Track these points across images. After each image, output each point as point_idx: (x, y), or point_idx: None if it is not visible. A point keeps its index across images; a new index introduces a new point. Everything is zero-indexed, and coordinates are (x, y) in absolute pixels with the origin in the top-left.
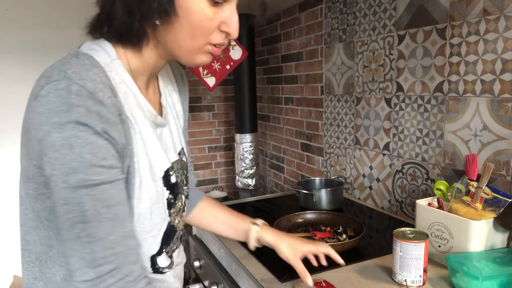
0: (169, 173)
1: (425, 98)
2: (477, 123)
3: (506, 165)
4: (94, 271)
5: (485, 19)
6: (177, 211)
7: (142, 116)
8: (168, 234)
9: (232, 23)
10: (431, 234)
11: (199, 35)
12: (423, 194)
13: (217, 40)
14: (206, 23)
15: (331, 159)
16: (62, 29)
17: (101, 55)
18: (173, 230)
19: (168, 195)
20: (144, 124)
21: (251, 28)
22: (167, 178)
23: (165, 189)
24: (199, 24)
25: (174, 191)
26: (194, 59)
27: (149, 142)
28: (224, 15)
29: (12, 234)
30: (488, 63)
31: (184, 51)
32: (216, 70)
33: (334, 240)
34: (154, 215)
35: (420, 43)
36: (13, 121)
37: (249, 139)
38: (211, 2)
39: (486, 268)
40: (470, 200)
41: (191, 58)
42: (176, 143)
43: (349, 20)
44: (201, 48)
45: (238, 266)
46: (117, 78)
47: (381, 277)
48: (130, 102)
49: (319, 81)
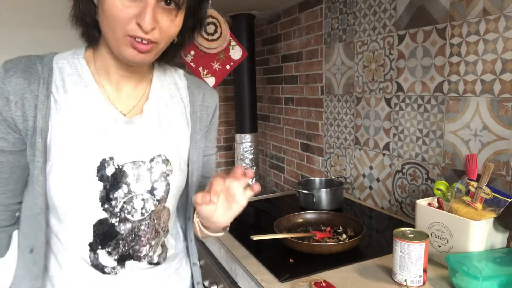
0: (104, 164)
1: (425, 98)
2: (477, 123)
3: (506, 165)
4: None
5: (485, 19)
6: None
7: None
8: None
9: (143, 15)
10: (431, 234)
11: (115, 26)
12: (423, 194)
13: (133, 32)
14: (118, 13)
15: (331, 159)
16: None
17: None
18: (112, 230)
19: (101, 187)
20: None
21: (251, 28)
22: (102, 169)
23: (96, 179)
24: (112, 14)
25: (111, 185)
26: (120, 51)
27: (83, 129)
28: (139, 6)
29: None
30: (488, 63)
31: (111, 43)
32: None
33: (334, 240)
34: (75, 200)
35: (420, 43)
36: None
37: (249, 139)
38: None
39: (486, 268)
40: (470, 200)
41: (118, 51)
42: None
43: (349, 20)
44: (121, 40)
45: (238, 266)
46: (70, 69)
47: (381, 277)
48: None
49: (319, 81)
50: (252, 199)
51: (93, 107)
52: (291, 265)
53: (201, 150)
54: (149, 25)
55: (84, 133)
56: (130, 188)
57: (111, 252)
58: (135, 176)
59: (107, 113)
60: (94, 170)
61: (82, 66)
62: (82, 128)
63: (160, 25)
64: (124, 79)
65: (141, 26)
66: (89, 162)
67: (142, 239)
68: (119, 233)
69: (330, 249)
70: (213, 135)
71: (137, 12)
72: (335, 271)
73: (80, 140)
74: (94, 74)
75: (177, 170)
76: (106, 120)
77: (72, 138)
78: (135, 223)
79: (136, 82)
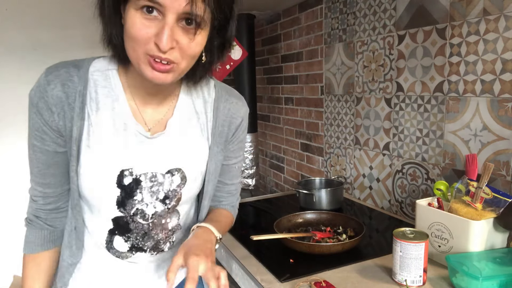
0: (124, 174)
1: (425, 98)
2: (477, 123)
3: (506, 165)
4: None
5: (485, 19)
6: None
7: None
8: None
9: (161, 34)
10: (431, 234)
11: (135, 45)
12: (423, 194)
13: (152, 51)
14: (137, 32)
15: (331, 159)
16: (63, 29)
17: (100, 63)
18: (127, 225)
19: (119, 194)
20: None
21: (251, 28)
22: (121, 178)
23: (115, 186)
24: (132, 33)
25: (127, 193)
26: (141, 70)
27: (110, 141)
28: (156, 28)
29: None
30: (488, 63)
31: (133, 61)
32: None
33: (334, 240)
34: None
35: (420, 43)
36: (13, 121)
37: (249, 139)
38: (143, 15)
39: (486, 268)
40: (470, 200)
41: (140, 70)
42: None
43: (349, 20)
44: (141, 59)
45: (238, 266)
46: (103, 82)
47: (381, 277)
48: (105, 103)
49: (319, 81)
50: (252, 199)
51: (120, 120)
52: (291, 265)
53: (219, 162)
54: (167, 45)
55: (109, 144)
56: (143, 197)
57: (126, 240)
58: (150, 186)
59: (132, 127)
60: (114, 178)
61: (115, 79)
62: (108, 139)
63: (180, 45)
64: (151, 95)
65: (159, 46)
66: (111, 171)
67: (150, 238)
68: (131, 229)
69: (330, 249)
70: (237, 146)
71: (155, 32)
72: (335, 271)
73: (106, 151)
74: (125, 87)
75: (192, 182)
76: (131, 134)
77: (99, 148)
78: (145, 225)
79: (163, 98)
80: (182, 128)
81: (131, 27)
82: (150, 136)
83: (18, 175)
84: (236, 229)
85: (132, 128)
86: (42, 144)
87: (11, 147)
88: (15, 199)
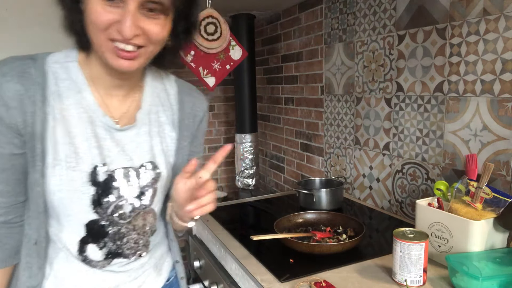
0: (97, 171)
1: (425, 98)
2: (477, 123)
3: (506, 165)
4: None
5: (485, 19)
6: (109, 213)
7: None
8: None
9: (123, 20)
10: (431, 234)
11: (97, 31)
12: (423, 194)
13: (113, 35)
14: (98, 17)
15: (331, 159)
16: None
17: (58, 56)
18: (102, 229)
19: (93, 192)
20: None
21: (251, 28)
22: (94, 175)
23: (89, 184)
24: (93, 19)
25: (103, 191)
26: (105, 58)
27: (78, 135)
28: (119, 13)
29: None
30: (488, 63)
31: (96, 49)
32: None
33: (334, 240)
34: (69, 202)
35: (420, 43)
36: None
37: (249, 139)
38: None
39: (486, 268)
40: (470, 200)
41: (104, 58)
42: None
43: (349, 20)
44: (103, 45)
45: (238, 266)
46: (64, 75)
47: (381, 277)
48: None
49: (319, 81)
50: (252, 199)
51: (87, 114)
52: (291, 265)
53: (186, 156)
54: (129, 33)
55: (78, 139)
56: (120, 193)
57: (102, 247)
58: (125, 182)
59: (100, 120)
60: (87, 175)
61: (76, 71)
62: (76, 134)
63: (145, 31)
64: (116, 86)
65: (122, 33)
66: (82, 168)
67: (129, 240)
68: (108, 233)
69: (330, 249)
70: (200, 140)
71: (118, 19)
72: (335, 271)
73: (75, 146)
74: (88, 79)
75: (165, 176)
76: (100, 127)
77: (67, 144)
78: (123, 225)
79: (129, 89)
80: (151, 120)
81: (93, 12)
82: (120, 129)
83: None
84: (236, 229)
85: (99, 120)
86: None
87: None
88: None
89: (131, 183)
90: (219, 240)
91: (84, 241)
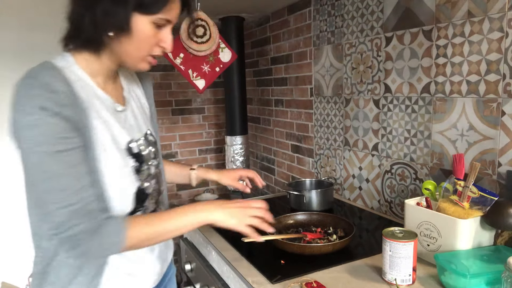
0: (130, 145)
1: (413, 99)
2: (463, 123)
3: (492, 164)
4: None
5: (469, 21)
6: (145, 177)
7: (100, 103)
8: (140, 196)
9: (168, 40)
10: (420, 233)
11: (144, 48)
12: (412, 194)
13: (156, 52)
14: (150, 40)
15: (321, 160)
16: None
17: (60, 62)
18: (144, 193)
19: (133, 163)
20: (102, 109)
21: (240, 31)
22: (130, 149)
23: (129, 158)
24: (145, 40)
25: (139, 160)
26: (137, 65)
27: (109, 121)
28: (162, 35)
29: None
30: (473, 64)
31: (131, 59)
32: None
33: (324, 240)
34: (122, 178)
35: (407, 44)
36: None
37: (239, 141)
38: (154, 26)
39: (473, 265)
40: (457, 199)
41: (135, 65)
42: (141, 125)
43: (337, 22)
44: (143, 58)
45: (229, 268)
46: (73, 77)
47: (371, 277)
48: (87, 93)
49: (308, 83)
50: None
51: (103, 104)
52: (282, 266)
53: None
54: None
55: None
56: (144, 159)
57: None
58: (145, 149)
59: (111, 106)
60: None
61: (81, 73)
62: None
63: None
64: (111, 75)
65: (166, 49)
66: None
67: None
68: (147, 196)
69: (320, 249)
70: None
71: (161, 38)
72: (325, 272)
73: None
74: (89, 75)
75: (157, 138)
76: (114, 111)
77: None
78: (152, 186)
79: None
80: (133, 97)
81: (142, 33)
82: (123, 109)
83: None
84: (227, 231)
85: (111, 107)
86: (68, 145)
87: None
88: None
89: (149, 149)
90: (210, 243)
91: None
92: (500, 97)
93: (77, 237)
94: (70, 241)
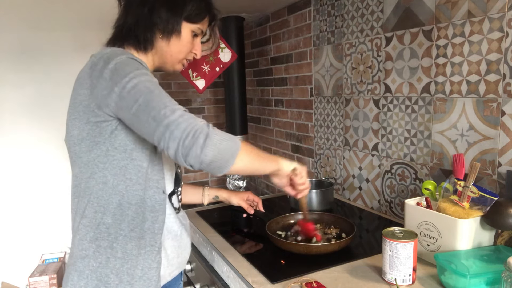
0: None
1: (413, 99)
2: (463, 123)
3: (492, 164)
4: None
5: (469, 21)
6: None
7: None
8: (176, 179)
9: (199, 48)
10: (420, 233)
11: (184, 51)
12: (412, 194)
13: (190, 56)
14: (189, 45)
15: (321, 160)
16: (50, 31)
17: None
18: (178, 178)
19: None
20: None
21: (240, 31)
22: None
23: None
24: (186, 45)
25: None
26: (175, 66)
27: None
28: (196, 42)
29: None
30: (473, 64)
31: (172, 59)
32: (206, 73)
33: (324, 240)
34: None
35: (407, 44)
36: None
37: None
38: (192, 34)
39: (473, 265)
40: (457, 199)
41: (174, 65)
42: None
43: (337, 22)
44: (181, 60)
45: (229, 269)
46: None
47: (371, 277)
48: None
49: (308, 83)
50: None
51: None
52: (282, 266)
53: None
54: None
55: None
56: None
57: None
58: None
59: None
60: None
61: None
62: None
63: None
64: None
65: (196, 55)
66: None
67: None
68: (181, 180)
69: (320, 249)
70: None
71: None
72: (325, 272)
73: None
74: None
75: None
76: None
77: None
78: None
79: None
80: None
81: (186, 40)
82: None
83: (8, 177)
84: (227, 231)
85: None
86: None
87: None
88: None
89: None
90: (210, 243)
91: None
92: (500, 97)
93: (199, 130)
94: (193, 131)
